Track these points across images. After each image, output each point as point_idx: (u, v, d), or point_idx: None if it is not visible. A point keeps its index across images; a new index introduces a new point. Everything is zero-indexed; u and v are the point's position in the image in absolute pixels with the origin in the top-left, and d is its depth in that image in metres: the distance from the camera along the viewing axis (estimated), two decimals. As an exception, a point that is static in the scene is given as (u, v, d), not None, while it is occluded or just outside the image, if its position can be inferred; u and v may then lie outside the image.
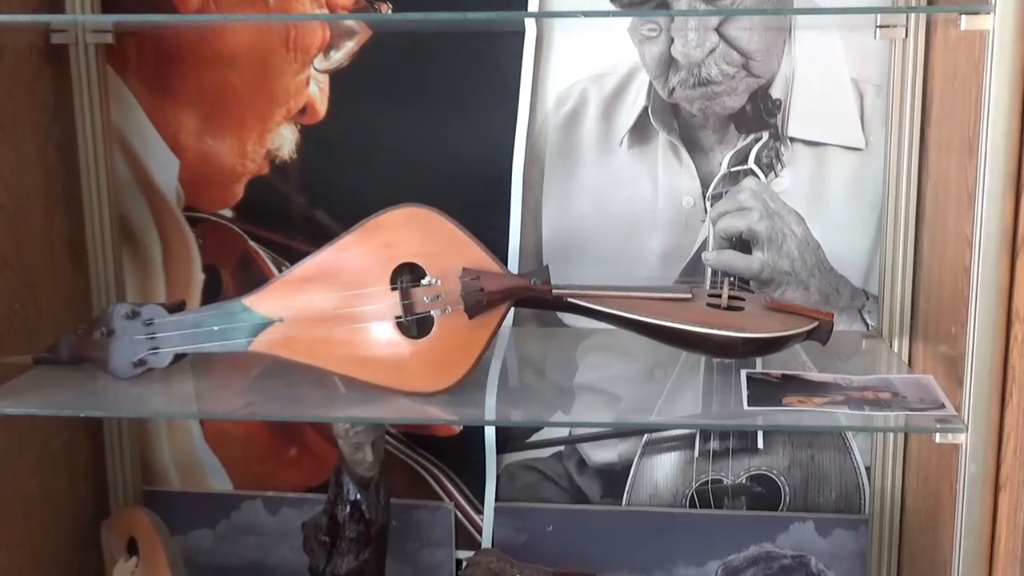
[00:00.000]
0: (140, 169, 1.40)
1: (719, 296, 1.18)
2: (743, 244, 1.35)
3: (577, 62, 1.33)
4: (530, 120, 1.34)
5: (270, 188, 1.39)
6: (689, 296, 1.18)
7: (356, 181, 1.38)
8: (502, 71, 1.34)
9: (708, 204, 1.35)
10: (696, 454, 1.41)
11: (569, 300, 1.16)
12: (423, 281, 1.12)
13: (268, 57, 1.36)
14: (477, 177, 1.35)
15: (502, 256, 1.33)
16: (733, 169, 1.34)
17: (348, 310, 1.13)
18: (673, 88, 1.32)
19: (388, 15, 1.34)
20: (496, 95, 1.34)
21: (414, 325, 1.13)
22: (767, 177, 1.34)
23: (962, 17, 0.98)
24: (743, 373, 1.17)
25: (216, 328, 1.15)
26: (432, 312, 1.12)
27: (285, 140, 1.38)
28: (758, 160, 1.33)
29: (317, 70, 1.36)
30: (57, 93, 1.32)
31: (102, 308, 1.34)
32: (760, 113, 1.32)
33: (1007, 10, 0.95)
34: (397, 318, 1.13)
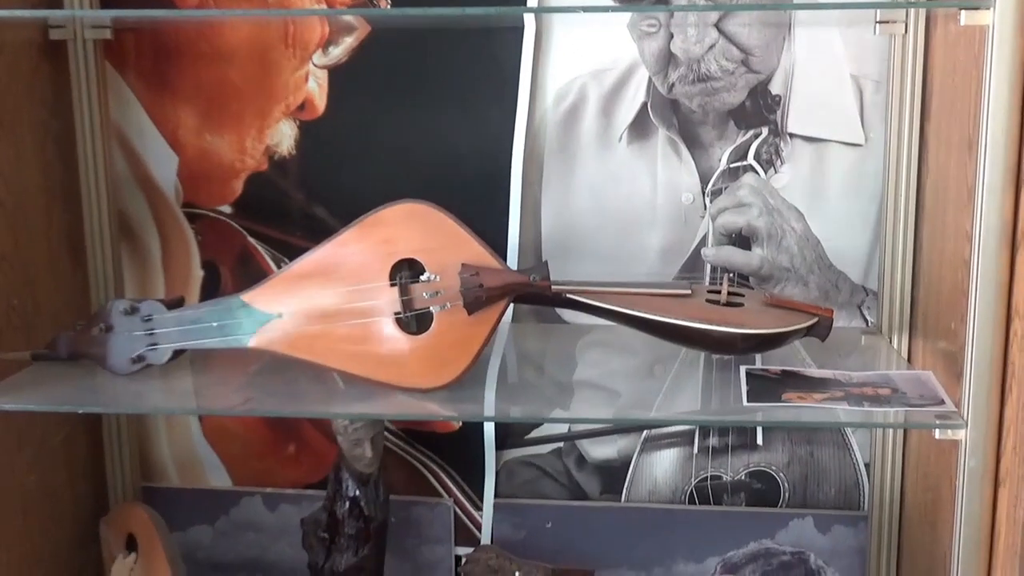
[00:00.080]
0: (139, 165, 1.40)
1: (718, 292, 1.18)
2: (742, 240, 1.35)
3: (576, 58, 1.33)
4: (529, 116, 1.34)
5: (269, 184, 1.39)
6: (688, 292, 1.18)
7: (355, 177, 1.37)
8: (501, 67, 1.33)
9: (707, 200, 1.35)
10: (695, 450, 1.41)
11: (568, 296, 1.16)
12: (422, 277, 1.12)
13: (267, 53, 1.35)
14: (476, 173, 1.35)
15: (501, 252, 1.33)
16: (732, 165, 1.34)
17: (347, 306, 1.13)
18: (672, 84, 1.32)
19: (387, 10, 1.33)
20: (495, 91, 1.34)
21: (413, 321, 1.13)
22: (767, 173, 1.33)
23: (962, 12, 0.97)
24: (742, 369, 1.17)
25: (215, 324, 1.15)
26: (431, 308, 1.12)
27: (284, 136, 1.38)
28: (758, 156, 1.33)
29: (316, 66, 1.36)
30: (55, 89, 1.31)
31: (101, 304, 1.34)
32: (760, 109, 1.32)
33: (1007, 5, 0.95)
34: (396, 314, 1.13)
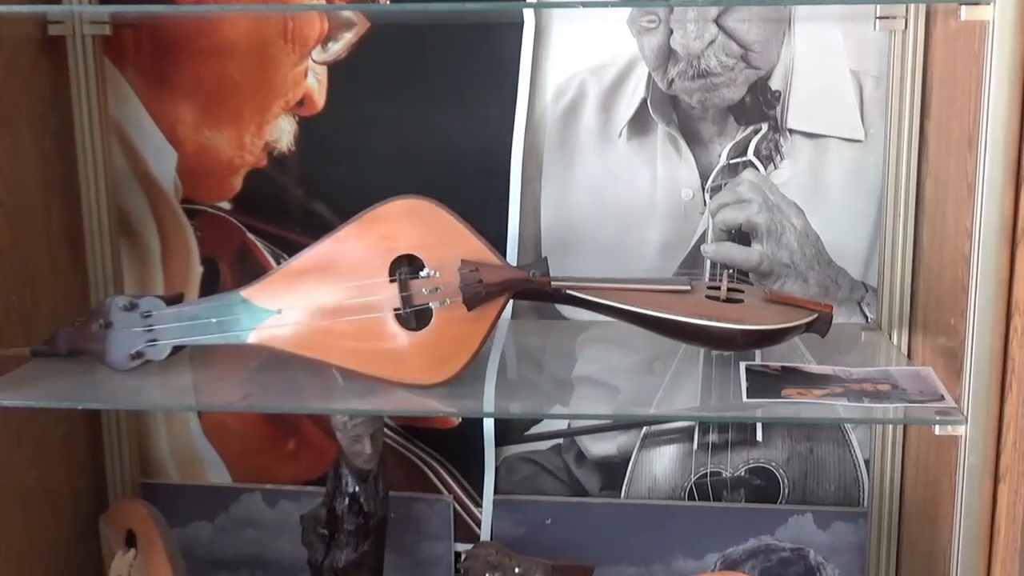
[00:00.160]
0: (138, 161, 1.40)
1: (718, 288, 1.18)
2: (742, 236, 1.35)
3: (576, 54, 1.33)
4: (529, 112, 1.34)
5: (268, 180, 1.39)
6: (688, 288, 1.18)
7: (354, 173, 1.37)
8: (501, 63, 1.33)
9: (707, 196, 1.35)
10: (695, 447, 1.41)
11: (568, 292, 1.15)
12: (422, 273, 1.12)
13: (266, 48, 1.35)
14: (476, 169, 1.35)
15: (501, 248, 1.33)
16: (732, 161, 1.34)
17: (346, 302, 1.13)
18: (672, 80, 1.32)
19: (386, 6, 1.33)
20: (495, 87, 1.34)
21: (413, 317, 1.13)
22: (766, 169, 1.33)
23: (962, 8, 0.97)
24: (742, 365, 1.17)
25: (214, 320, 1.15)
26: (431, 304, 1.12)
27: (283, 132, 1.38)
28: (757, 152, 1.33)
29: (315, 62, 1.36)
30: (54, 85, 1.31)
31: (100, 300, 1.34)
32: (759, 105, 1.32)
33: (1007, 1, 0.95)
34: (396, 310, 1.12)
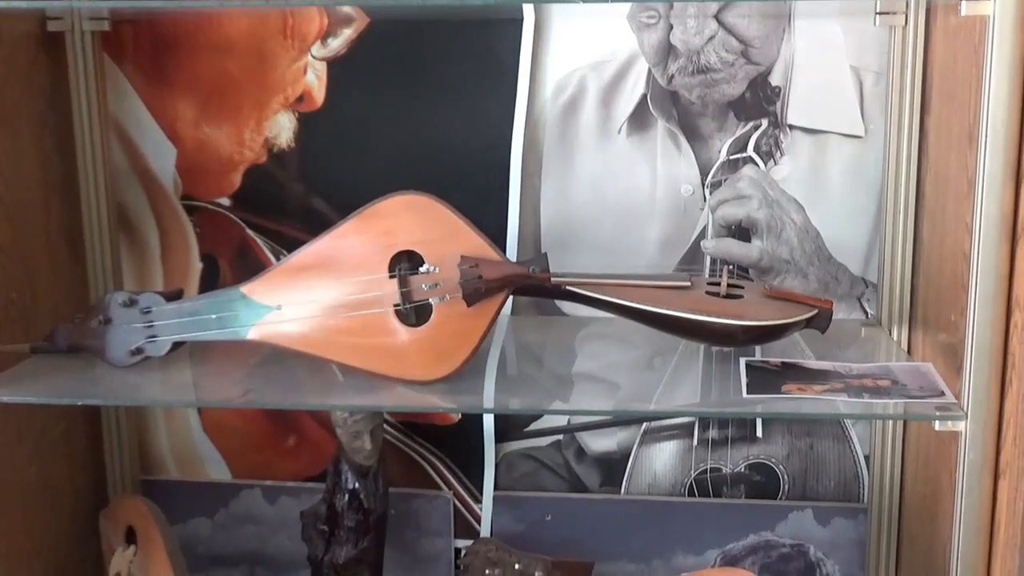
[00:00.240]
0: (137, 157, 1.40)
1: (718, 284, 1.18)
2: (742, 232, 1.35)
3: (576, 50, 1.33)
4: (529, 108, 1.34)
5: (268, 176, 1.39)
6: (688, 284, 1.18)
7: (354, 169, 1.37)
8: (500, 59, 1.33)
9: (707, 192, 1.34)
10: (695, 443, 1.41)
11: (568, 288, 1.15)
12: (421, 269, 1.12)
13: (265, 44, 1.35)
14: (476, 165, 1.35)
15: (500, 244, 1.32)
16: (732, 157, 1.33)
17: (346, 298, 1.13)
18: (672, 75, 1.32)
19: (386, 1, 1.33)
20: (494, 83, 1.34)
21: (412, 313, 1.13)
22: (766, 165, 1.33)
23: (962, 2, 0.97)
24: (742, 361, 1.17)
25: (214, 316, 1.15)
26: (430, 300, 1.12)
27: (283, 128, 1.38)
28: (757, 148, 1.33)
29: (315, 58, 1.36)
30: (53, 81, 1.31)
31: (99, 296, 1.34)
32: (759, 100, 1.32)
33: (1008, -5, 0.95)
34: (395, 306, 1.12)
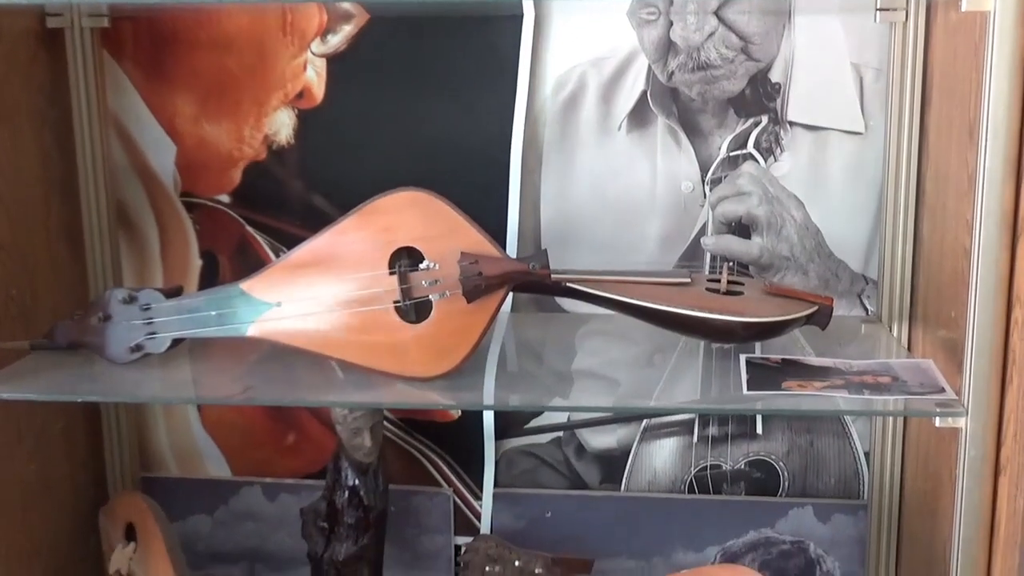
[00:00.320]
0: (136, 154, 1.40)
1: (718, 281, 1.18)
2: (742, 229, 1.35)
3: (576, 46, 1.33)
4: (529, 104, 1.34)
5: (267, 173, 1.39)
6: (688, 281, 1.18)
7: (354, 166, 1.37)
8: (500, 55, 1.33)
9: (707, 189, 1.34)
10: (695, 439, 1.41)
11: (568, 285, 1.15)
12: (421, 265, 1.12)
13: (265, 41, 1.35)
14: (476, 161, 1.35)
15: (500, 240, 1.32)
16: (732, 153, 1.33)
17: (346, 294, 1.13)
18: (672, 72, 1.32)
19: (385, -3, 1.33)
20: (494, 79, 1.33)
21: (412, 310, 1.12)
22: (766, 161, 1.33)
23: (963, -2, 0.97)
24: (742, 358, 1.16)
25: (213, 313, 1.15)
26: (430, 296, 1.12)
27: (282, 125, 1.37)
28: (757, 144, 1.33)
29: (314, 54, 1.35)
30: (53, 78, 1.31)
31: (99, 293, 1.34)
32: (759, 97, 1.32)
33: (1008, -9, 0.95)
34: (395, 302, 1.12)
